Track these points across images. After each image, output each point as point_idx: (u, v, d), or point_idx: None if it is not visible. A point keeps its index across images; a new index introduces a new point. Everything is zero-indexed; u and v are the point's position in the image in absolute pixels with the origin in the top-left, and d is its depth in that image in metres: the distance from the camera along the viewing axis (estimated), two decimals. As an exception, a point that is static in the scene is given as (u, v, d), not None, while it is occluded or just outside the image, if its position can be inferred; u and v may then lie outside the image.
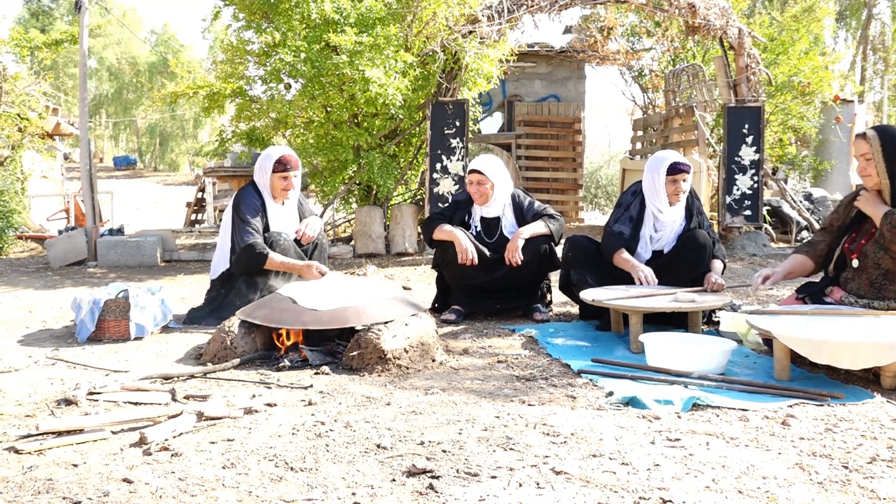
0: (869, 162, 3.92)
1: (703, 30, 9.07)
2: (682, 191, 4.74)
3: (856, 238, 4.01)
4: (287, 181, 5.04)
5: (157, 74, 39.87)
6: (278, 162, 5.02)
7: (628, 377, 3.56)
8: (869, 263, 3.90)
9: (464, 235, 5.01)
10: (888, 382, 3.39)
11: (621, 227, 4.83)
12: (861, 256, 3.93)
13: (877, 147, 3.88)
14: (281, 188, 5.05)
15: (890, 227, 3.73)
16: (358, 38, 8.05)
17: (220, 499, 2.21)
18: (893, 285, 3.82)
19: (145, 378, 3.50)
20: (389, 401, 3.20)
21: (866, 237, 3.95)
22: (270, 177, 5.05)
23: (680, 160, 4.74)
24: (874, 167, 3.90)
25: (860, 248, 3.94)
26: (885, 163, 3.86)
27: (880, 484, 2.31)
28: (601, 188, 19.81)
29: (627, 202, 4.91)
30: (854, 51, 26.88)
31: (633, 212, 4.85)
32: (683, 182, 4.73)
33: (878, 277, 3.86)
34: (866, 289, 3.88)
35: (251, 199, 5.03)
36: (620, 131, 19.36)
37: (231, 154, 13.56)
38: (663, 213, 4.77)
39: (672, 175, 4.71)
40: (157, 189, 30.55)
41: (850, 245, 4.01)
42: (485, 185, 5.13)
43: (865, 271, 3.91)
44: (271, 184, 5.06)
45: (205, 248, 9.79)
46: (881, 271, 3.85)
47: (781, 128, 12.02)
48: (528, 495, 2.22)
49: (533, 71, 14.29)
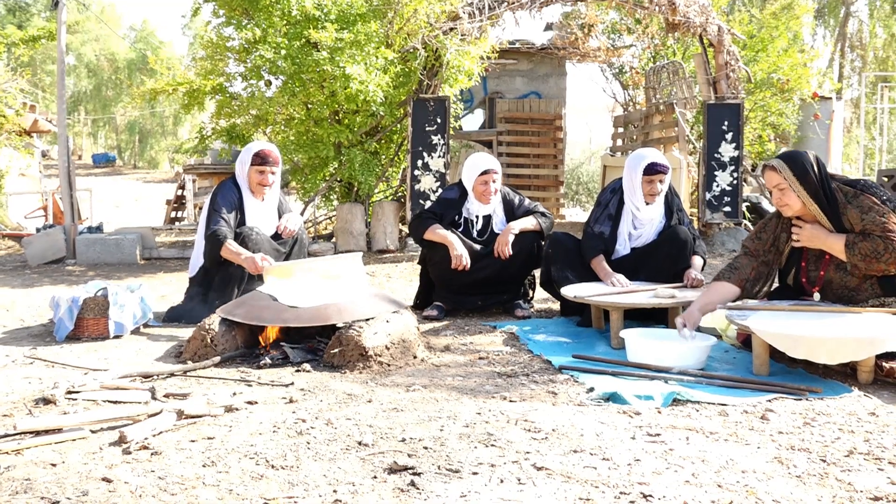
0: (783, 192, 3.83)
1: (683, 27, 9.11)
2: (657, 192, 4.75)
3: (809, 269, 3.95)
4: (263, 175, 5.02)
5: (136, 71, 39.64)
6: (256, 155, 5.01)
7: (609, 373, 3.57)
8: (835, 287, 3.88)
9: (458, 241, 5.01)
10: (865, 377, 3.42)
11: (601, 227, 4.84)
12: (825, 285, 3.90)
13: (789, 175, 3.79)
14: (258, 182, 5.03)
15: (861, 257, 3.67)
16: (339, 35, 8.03)
17: (201, 497, 2.20)
18: (863, 293, 3.83)
19: (125, 376, 3.48)
20: (371, 398, 3.20)
21: (823, 266, 3.90)
22: (248, 170, 5.04)
23: (658, 161, 4.74)
24: (793, 196, 3.81)
25: (821, 280, 3.91)
26: (804, 187, 3.78)
27: (857, 477, 2.34)
28: (582, 185, 19.88)
29: (606, 200, 4.92)
30: (832, 48, 27.10)
31: (612, 209, 4.86)
32: (660, 183, 4.74)
33: (846, 293, 3.87)
34: (838, 301, 3.89)
35: (228, 192, 5.03)
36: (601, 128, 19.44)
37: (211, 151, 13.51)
38: (640, 210, 4.79)
39: (648, 175, 4.72)
40: (136, 186, 30.37)
41: (806, 279, 3.96)
42: (495, 183, 5.16)
43: (832, 293, 3.91)
44: (249, 177, 5.05)
45: (185, 245, 9.75)
46: (849, 289, 3.86)
47: (761, 125, 12.09)
48: (510, 491, 2.22)
49: (514, 68, 14.31)
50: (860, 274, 3.76)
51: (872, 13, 26.65)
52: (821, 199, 3.80)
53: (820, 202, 3.80)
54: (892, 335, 3.33)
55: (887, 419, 2.92)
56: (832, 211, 3.79)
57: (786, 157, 3.88)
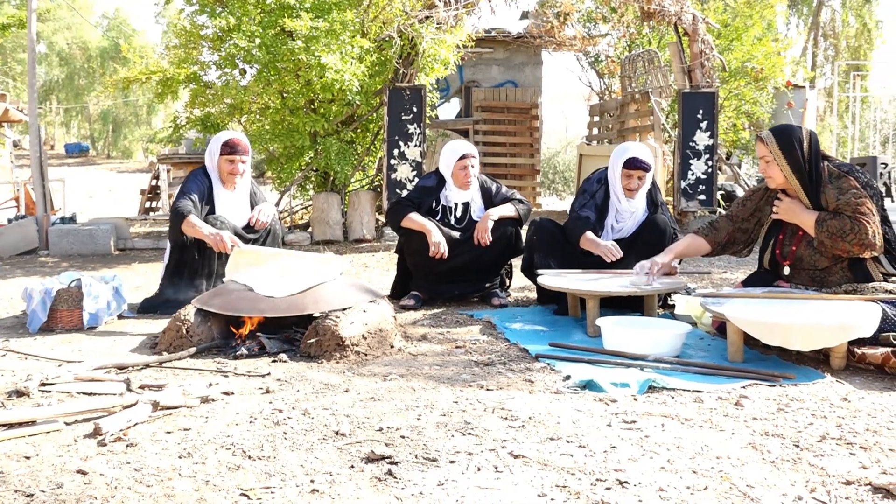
0: (769, 164, 3.92)
1: (658, 16, 9.15)
2: (634, 187, 4.75)
3: (784, 242, 4.03)
4: (233, 165, 5.00)
5: (109, 60, 39.19)
6: (225, 144, 4.99)
7: (585, 361, 3.59)
8: (805, 266, 3.94)
9: (436, 229, 5.00)
10: (837, 363, 3.47)
11: (587, 212, 4.84)
12: (795, 261, 3.96)
13: (775, 149, 3.88)
14: (228, 171, 5.01)
15: (828, 234, 3.73)
16: (314, 24, 7.99)
17: (177, 488, 2.19)
18: (834, 276, 3.87)
19: (99, 368, 3.45)
20: (348, 387, 3.20)
21: (795, 242, 3.97)
22: (218, 159, 5.02)
23: (640, 156, 4.73)
24: (776, 168, 3.90)
25: (793, 255, 3.98)
26: (788, 162, 3.87)
27: (830, 461, 2.36)
28: (559, 173, 19.93)
29: (593, 190, 4.91)
30: (805, 37, 27.31)
31: (598, 199, 4.87)
32: (638, 179, 4.74)
33: (816, 274, 3.92)
34: (808, 283, 3.94)
35: (197, 179, 5.02)
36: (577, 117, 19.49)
37: (186, 141, 13.40)
38: (622, 202, 4.80)
39: (628, 169, 4.73)
40: (110, 177, 30.09)
41: (780, 252, 4.03)
42: (474, 168, 5.15)
43: (803, 271, 3.97)
44: (219, 167, 5.03)
45: (159, 236, 9.67)
46: (819, 269, 3.91)
47: (735, 113, 12.18)
48: (487, 479, 2.23)
49: (490, 56, 14.30)
50: (827, 253, 3.81)
51: (845, 2, 26.88)
52: (803, 176, 3.87)
53: (802, 178, 3.87)
54: (863, 322, 3.37)
55: (859, 404, 2.95)
56: (813, 189, 3.87)
57: (777, 130, 3.96)
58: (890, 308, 3.55)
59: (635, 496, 2.12)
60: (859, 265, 3.83)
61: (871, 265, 3.83)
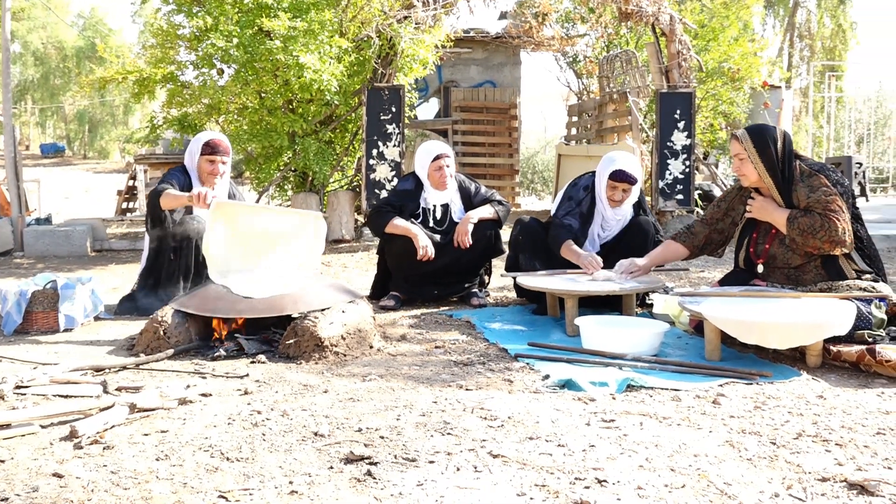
0: (743, 162, 3.97)
1: (635, 16, 9.19)
2: (618, 199, 4.73)
3: (758, 241, 4.06)
4: (214, 165, 4.98)
5: (84, 59, 38.81)
6: (206, 144, 4.97)
7: (564, 360, 3.60)
8: (778, 264, 3.98)
9: (422, 232, 4.99)
10: (813, 361, 3.50)
11: (571, 220, 4.82)
12: (769, 259, 4.00)
13: (750, 147, 3.92)
14: (208, 171, 4.99)
15: (799, 232, 3.77)
16: (292, 23, 7.96)
17: (154, 491, 2.17)
18: (808, 275, 3.91)
19: (75, 370, 3.42)
20: (327, 388, 3.19)
21: (768, 240, 4.01)
22: (198, 159, 5.00)
23: (627, 169, 4.69)
24: (750, 166, 3.94)
25: (766, 253, 4.01)
26: (762, 160, 3.91)
27: (806, 458, 2.38)
28: (537, 173, 19.98)
29: (580, 197, 4.88)
30: (781, 38, 27.51)
31: (584, 208, 4.85)
32: (623, 192, 4.72)
33: (791, 272, 3.96)
34: (783, 281, 3.97)
35: (177, 175, 5.01)
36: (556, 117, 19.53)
37: (163, 141, 13.32)
38: (606, 210, 4.80)
39: (613, 181, 4.72)
40: (86, 177, 29.82)
41: (754, 250, 4.06)
42: (449, 168, 5.14)
43: (777, 269, 4.00)
44: (199, 166, 5.01)
45: (136, 236, 9.61)
46: (792, 267, 3.95)
47: (712, 113, 12.25)
48: (466, 479, 2.23)
49: (469, 57, 14.31)
50: (800, 251, 3.85)
51: (820, 3, 27.08)
52: (776, 174, 3.92)
53: (775, 177, 3.92)
54: (839, 320, 3.40)
55: (835, 402, 2.98)
56: (786, 187, 3.91)
57: (752, 129, 4.01)
58: (864, 306, 3.59)
59: (614, 494, 2.12)
60: (832, 263, 3.86)
61: (845, 262, 3.87)
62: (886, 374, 3.31)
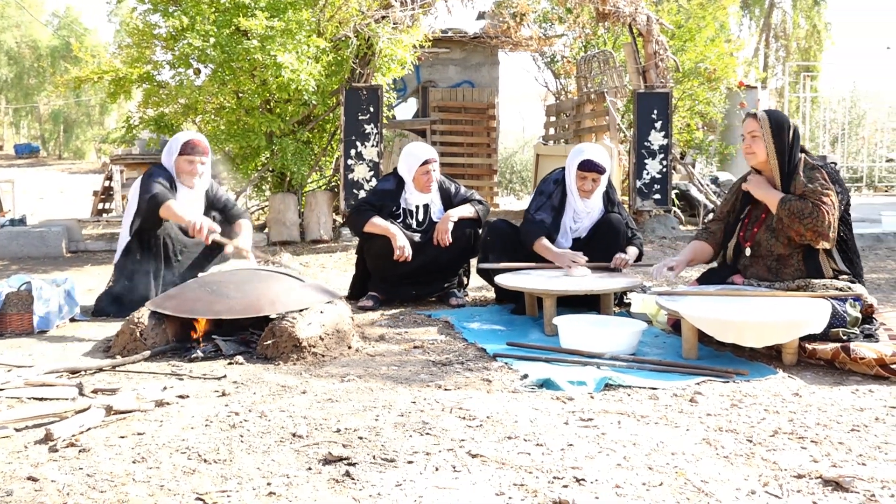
0: (755, 139, 4.04)
1: (613, 16, 9.22)
2: (588, 189, 4.75)
3: (748, 226, 4.12)
4: (193, 165, 4.95)
5: (59, 59, 38.45)
6: (186, 144, 4.94)
7: (542, 359, 3.61)
8: (762, 251, 4.03)
9: (400, 233, 4.98)
10: (789, 359, 3.53)
11: (543, 214, 4.83)
12: (754, 245, 4.06)
13: (766, 127, 4.00)
14: (186, 171, 4.96)
15: (788, 213, 3.83)
16: (269, 23, 7.92)
17: (131, 494, 2.16)
18: (788, 268, 3.96)
19: (51, 372, 3.39)
20: (305, 389, 3.18)
21: (757, 225, 4.07)
22: (177, 159, 4.96)
23: (594, 159, 4.72)
24: (761, 145, 4.02)
25: (753, 237, 4.07)
26: (774, 142, 3.99)
27: (782, 455, 2.40)
28: (516, 173, 20.01)
29: (550, 191, 4.91)
30: (757, 38, 27.73)
31: (555, 200, 4.87)
32: (592, 181, 4.74)
33: (772, 263, 4.00)
34: (764, 273, 4.02)
35: (160, 172, 4.97)
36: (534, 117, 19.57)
37: (139, 141, 13.19)
38: (577, 202, 4.82)
39: (582, 171, 4.74)
40: (62, 177, 29.54)
41: (743, 234, 4.13)
42: (436, 172, 5.16)
43: (761, 258, 4.04)
44: (177, 166, 4.98)
45: (112, 237, 9.53)
46: (774, 257, 3.99)
47: (689, 113, 12.33)
48: (445, 479, 2.23)
49: (447, 57, 14.30)
50: (783, 235, 3.90)
51: (796, 4, 27.32)
52: (783, 160, 4.00)
53: (781, 162, 4.00)
54: (814, 318, 3.43)
55: (810, 399, 3.01)
56: (787, 175, 3.99)
57: (771, 112, 4.11)
58: (839, 304, 3.63)
59: (592, 493, 2.13)
60: (813, 259, 3.91)
61: (825, 260, 3.91)
62: (860, 372, 3.35)
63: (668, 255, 7.59)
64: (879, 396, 3.05)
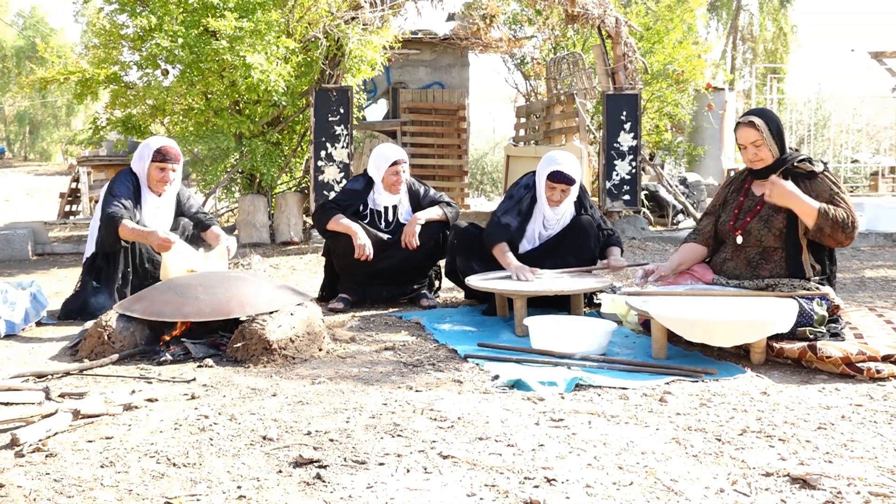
0: (760, 148, 3.97)
1: (581, 18, 9.26)
2: (556, 200, 4.72)
3: (739, 215, 4.11)
4: (164, 173, 4.89)
5: (25, 59, 37.94)
6: (157, 151, 4.87)
7: (513, 360, 3.62)
8: (751, 241, 4.03)
9: (361, 231, 4.97)
10: (757, 358, 3.56)
11: (509, 218, 4.80)
12: (745, 233, 4.05)
13: (767, 133, 3.96)
14: (157, 179, 4.90)
15: (832, 224, 3.74)
16: (238, 23, 7.88)
17: (99, 499, 2.14)
18: (769, 264, 3.96)
19: (17, 377, 3.34)
20: (275, 391, 3.16)
21: (751, 214, 4.06)
22: (148, 166, 4.90)
23: (564, 170, 4.66)
24: (766, 151, 3.97)
25: (745, 226, 4.06)
26: (777, 145, 3.98)
27: (750, 454, 2.43)
28: (486, 175, 20.03)
29: (519, 195, 4.88)
30: (725, 41, 28.00)
31: (524, 205, 4.84)
32: (561, 192, 4.70)
33: (755, 256, 4.01)
34: (743, 268, 4.02)
35: (125, 180, 4.89)
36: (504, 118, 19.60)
37: (106, 142, 13.06)
38: (546, 210, 4.81)
39: (551, 181, 4.73)
40: (28, 179, 29.14)
41: (734, 222, 4.11)
42: (405, 173, 5.14)
43: (745, 249, 4.05)
44: (148, 173, 4.91)
45: (80, 240, 9.42)
46: (760, 249, 4.00)
47: (657, 115, 12.42)
48: (416, 480, 2.23)
49: (417, 58, 14.30)
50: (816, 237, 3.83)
51: (762, 7, 27.64)
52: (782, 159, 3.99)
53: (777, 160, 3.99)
54: (781, 317, 3.47)
55: (778, 398, 3.04)
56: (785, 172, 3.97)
57: (760, 113, 4.04)
58: (806, 303, 3.67)
59: (563, 493, 2.14)
60: (796, 257, 3.91)
61: (807, 259, 3.91)
62: (827, 370, 3.39)
63: (637, 256, 7.65)
64: (846, 395, 3.09)
